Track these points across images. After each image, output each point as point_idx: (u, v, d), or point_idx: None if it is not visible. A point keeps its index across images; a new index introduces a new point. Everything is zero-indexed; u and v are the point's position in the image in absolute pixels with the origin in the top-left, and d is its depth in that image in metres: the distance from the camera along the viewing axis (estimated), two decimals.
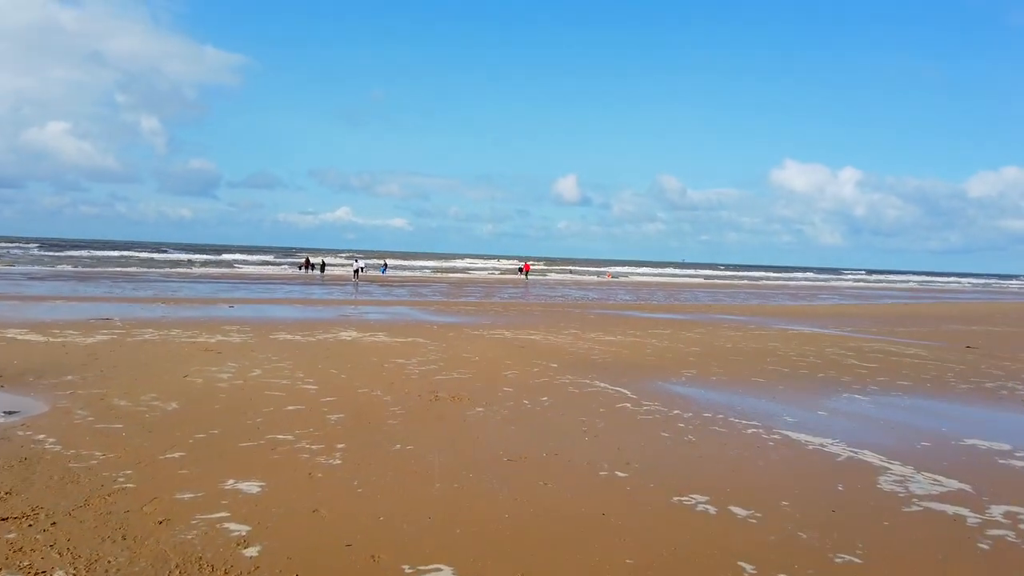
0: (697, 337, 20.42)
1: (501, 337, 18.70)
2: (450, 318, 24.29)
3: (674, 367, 14.51)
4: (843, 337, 21.99)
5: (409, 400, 10.30)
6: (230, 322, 20.11)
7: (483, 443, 8.14)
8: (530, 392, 11.24)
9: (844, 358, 16.79)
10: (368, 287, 46.55)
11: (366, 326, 20.27)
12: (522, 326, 21.99)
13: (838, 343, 20.07)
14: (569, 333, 20.32)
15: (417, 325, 21.26)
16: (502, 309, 29.81)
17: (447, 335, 18.70)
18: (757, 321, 27.48)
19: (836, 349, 18.53)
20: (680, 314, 30.53)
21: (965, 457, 8.32)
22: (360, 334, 18.16)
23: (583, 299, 41.81)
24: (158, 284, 41.79)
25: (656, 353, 16.58)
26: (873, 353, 17.91)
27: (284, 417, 8.98)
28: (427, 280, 62.24)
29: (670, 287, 67.26)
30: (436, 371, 12.90)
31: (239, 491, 6.23)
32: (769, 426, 9.52)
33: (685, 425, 9.40)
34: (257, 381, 11.29)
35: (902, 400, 11.80)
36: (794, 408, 10.79)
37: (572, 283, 67.54)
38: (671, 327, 23.44)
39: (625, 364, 14.66)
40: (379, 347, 15.79)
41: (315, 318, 22.43)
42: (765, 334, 22.08)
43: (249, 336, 16.97)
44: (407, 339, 17.44)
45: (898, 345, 20.05)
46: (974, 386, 13.43)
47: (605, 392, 11.50)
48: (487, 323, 22.73)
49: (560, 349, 16.62)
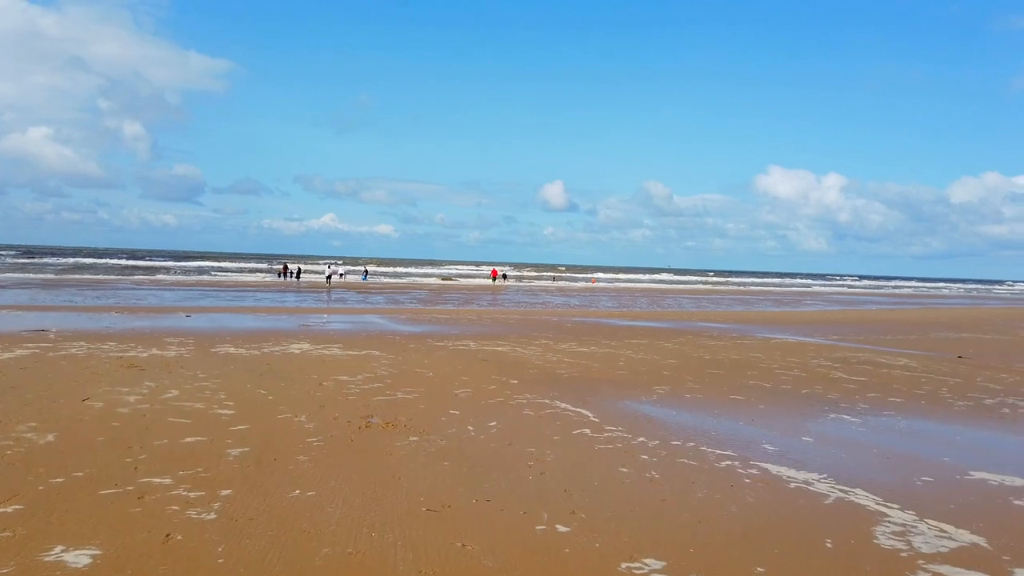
0: (675, 348, 19.10)
1: (465, 349, 17.30)
2: (418, 327, 22.87)
3: (646, 383, 13.17)
4: (828, 346, 20.75)
5: (335, 427, 8.89)
6: (176, 333, 18.60)
7: (403, 486, 6.74)
8: (479, 415, 9.85)
9: (830, 370, 15.51)
10: (345, 294, 45.01)
11: (322, 337, 18.82)
12: (492, 336, 20.61)
13: (823, 353, 18.81)
14: (540, 344, 18.96)
15: (379, 336, 19.83)
16: (476, 317, 28.42)
17: (407, 347, 17.29)
18: (739, 329, 26.22)
19: (821, 360, 17.27)
20: (661, 322, 29.24)
21: (974, 497, 7.00)
22: (312, 346, 16.71)
23: (564, 306, 40.46)
24: (125, 292, 40.12)
25: (629, 366, 15.24)
26: (861, 364, 16.65)
27: (175, 452, 7.55)
28: (408, 287, 60.77)
29: (654, 293, 66.04)
30: (380, 390, 11.49)
31: (62, 565, 4.80)
32: (746, 457, 8.18)
33: (649, 457, 8.04)
34: (167, 405, 9.84)
35: (896, 421, 10.49)
36: (775, 433, 9.46)
37: (556, 290, 66.21)
38: (649, 336, 22.12)
39: (593, 379, 13.31)
40: (326, 362, 14.36)
41: (271, 328, 20.94)
42: (747, 343, 20.80)
43: (188, 349, 15.49)
44: (361, 352, 16.01)
45: (886, 355, 18.81)
46: (972, 403, 12.17)
47: (565, 414, 10.13)
48: (455, 333, 21.34)
49: (526, 362, 15.24)
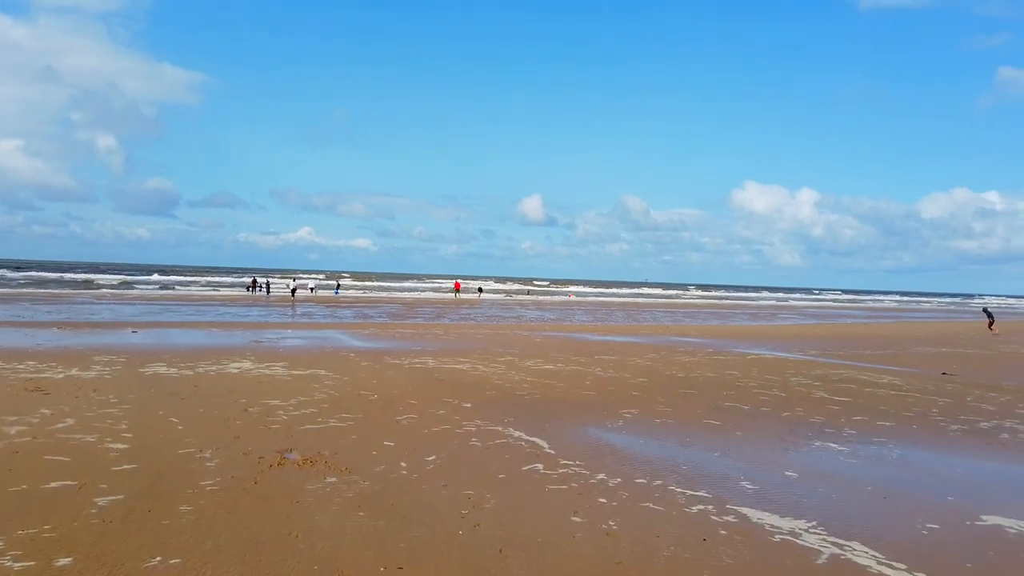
0: (647, 364, 17.88)
1: (422, 367, 15.95)
2: (378, 343, 21.46)
3: (613, 405, 11.90)
4: (807, 362, 19.65)
5: (241, 466, 7.50)
6: (111, 351, 17.04)
7: (298, 548, 5.38)
8: (417, 448, 8.51)
9: (811, 389, 14.36)
10: (313, 308, 43.39)
11: (269, 355, 17.35)
12: (455, 352, 19.27)
13: (803, 370, 17.70)
14: (504, 361, 17.64)
15: (332, 353, 18.39)
16: (443, 332, 27.04)
17: (359, 365, 15.89)
18: (715, 344, 25.10)
19: (801, 378, 16.13)
20: (635, 336, 28.06)
21: (993, 552, 5.79)
22: (254, 365, 15.26)
23: (537, 320, 39.20)
24: (82, 307, 38.20)
25: (597, 385, 13.97)
26: (843, 383, 15.53)
27: (27, 502, 6.13)
28: (381, 301, 59.18)
29: (631, 307, 65.05)
30: (312, 416, 10.10)
31: None
32: (722, 499, 6.92)
33: (608, 500, 6.75)
34: (52, 438, 8.38)
35: (888, 450, 9.31)
36: (755, 466, 8.22)
37: (531, 303, 64.96)
38: (621, 352, 20.90)
39: (555, 401, 12.02)
40: (263, 383, 12.93)
41: (219, 345, 19.43)
42: (723, 359, 19.65)
43: (113, 369, 13.98)
44: (306, 371, 14.59)
45: (868, 372, 17.73)
46: (967, 427, 11.04)
47: (516, 445, 8.82)
48: (417, 349, 19.96)
49: (485, 382, 13.92)
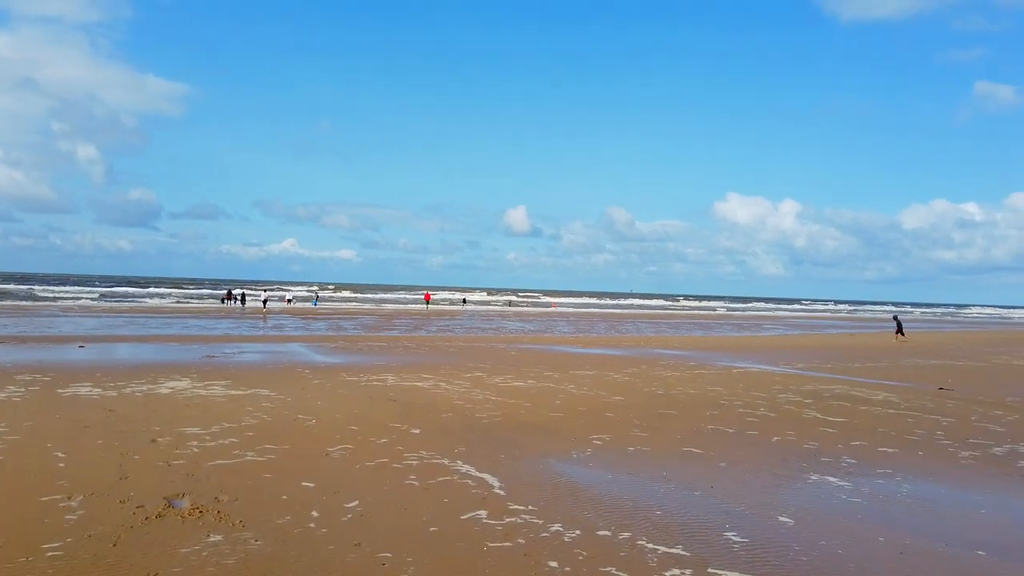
0: (625, 380, 16.49)
1: (379, 385, 14.48)
2: (340, 357, 19.95)
3: (583, 429, 10.49)
4: (796, 377, 18.35)
5: (110, 518, 6.01)
6: (38, 368, 15.44)
7: None
8: (340, 490, 7.05)
9: (802, 408, 13.03)
10: (287, 320, 41.75)
11: (214, 372, 15.80)
12: (420, 367, 17.80)
13: (791, 385, 16.38)
14: (471, 377, 16.20)
15: (285, 369, 16.87)
16: (415, 345, 25.56)
17: (309, 383, 14.40)
18: (699, 357, 23.77)
19: (790, 395, 14.80)
20: (615, 349, 26.70)
21: None
22: (190, 384, 13.72)
23: (516, 332, 37.79)
24: (41, 320, 36.38)
25: (567, 405, 12.57)
26: (835, 400, 14.21)
27: None
28: (359, 312, 57.53)
29: (614, 318, 63.80)
30: (226, 449, 8.62)
31: None
32: (703, 559, 5.52)
33: (560, 565, 5.33)
34: None
35: (896, 485, 7.95)
36: (742, 509, 6.83)
37: (513, 314, 63.54)
38: (599, 366, 19.52)
39: (518, 426, 10.59)
40: (191, 406, 11.41)
41: (164, 361, 17.85)
42: (707, 374, 18.31)
43: (29, 390, 12.41)
44: (247, 391, 13.08)
45: (861, 387, 16.44)
46: (979, 453, 9.72)
47: (462, 484, 7.39)
48: (380, 364, 18.48)
49: (443, 402, 12.48)
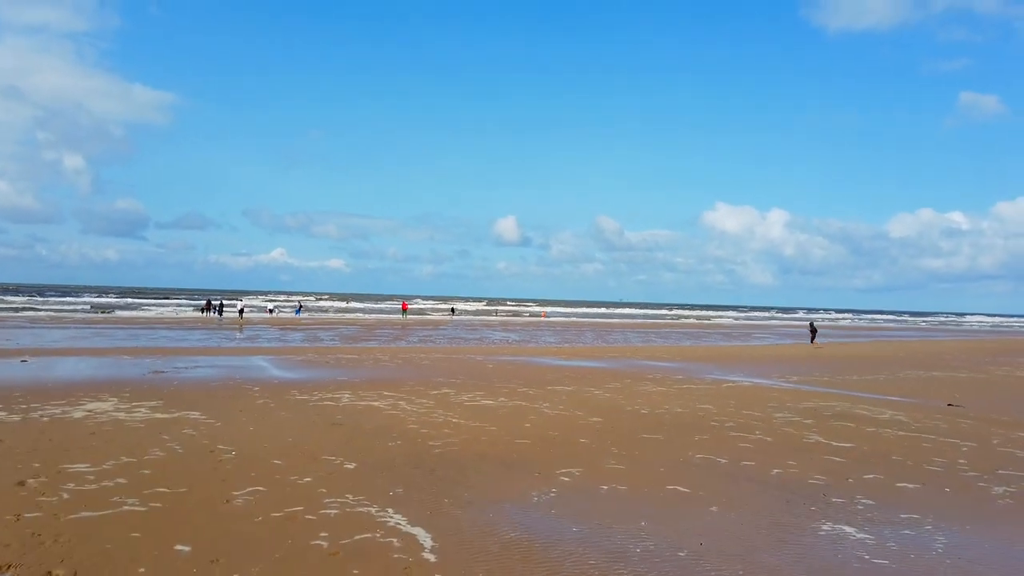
0: (606, 397, 14.91)
1: (330, 405, 12.84)
2: (300, 373, 18.29)
3: (551, 460, 8.90)
4: (791, 392, 16.82)
5: None
6: None
7: None
8: (221, 557, 5.42)
9: (802, 431, 11.47)
10: (264, 331, 39.98)
11: (150, 390, 14.11)
12: (385, 383, 16.17)
13: (787, 402, 14.84)
14: (437, 395, 14.59)
15: (233, 386, 15.20)
16: (388, 358, 23.91)
17: (251, 404, 12.75)
18: (687, 369, 22.23)
19: (787, 414, 13.25)
20: (599, 361, 25.12)
21: None
22: (115, 406, 12.04)
23: (500, 342, 36.19)
24: (3, 332, 34.52)
25: (537, 430, 10.97)
26: (838, 420, 12.67)
27: None
28: (341, 323, 55.75)
29: (602, 327, 62.30)
30: (110, 493, 6.96)
31: None
32: None
33: None
34: None
35: (927, 537, 6.38)
36: None
37: (499, 324, 61.91)
38: (580, 380, 17.93)
39: (476, 456, 8.99)
40: (98, 433, 9.73)
41: (102, 377, 16.14)
42: (695, 389, 16.75)
43: None
44: (174, 414, 11.41)
45: (864, 404, 14.91)
46: (1015, 488, 8.17)
47: (384, 545, 5.77)
48: (341, 380, 16.83)
49: (396, 427, 10.86)
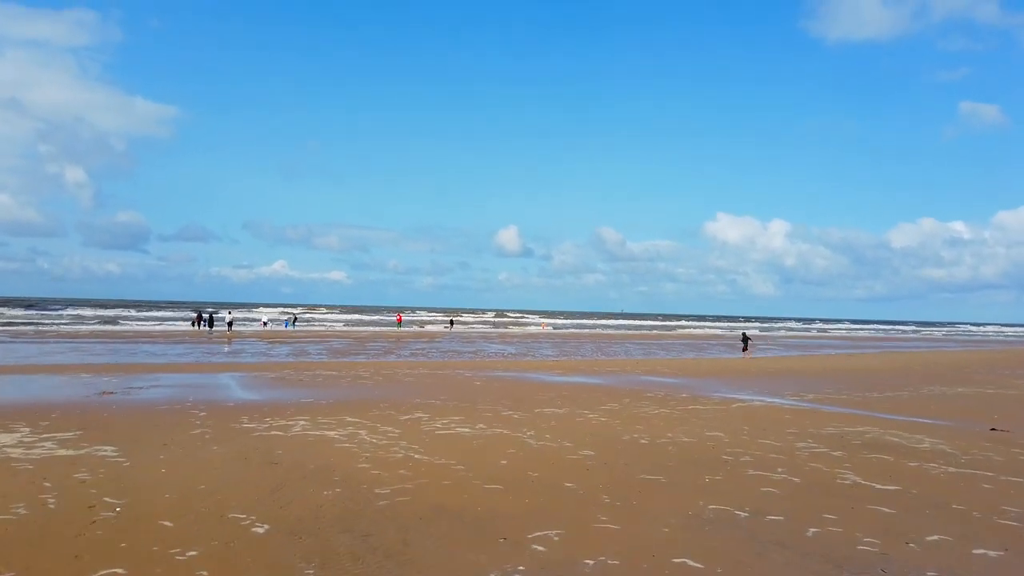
0: (601, 423, 12.95)
1: (276, 436, 10.91)
2: (262, 393, 16.37)
3: (523, 518, 6.94)
4: (810, 413, 14.83)
5: None
6: None
7: None
8: None
9: (833, 466, 9.49)
10: (249, 344, 38.11)
11: (77, 417, 12.19)
12: (350, 407, 14.24)
13: (807, 425, 12.86)
14: (408, 420, 12.66)
15: (176, 412, 13.28)
16: (369, 374, 21.99)
17: (184, 435, 10.82)
18: (691, 386, 20.25)
19: (811, 442, 11.27)
20: (598, 377, 23.15)
21: None
22: (20, 438, 10.11)
23: (495, 355, 34.24)
24: None
25: (514, 469, 9.01)
26: (871, 451, 10.68)
27: None
28: (334, 335, 53.84)
29: (602, 338, 60.33)
30: None
31: None
32: None
33: None
34: None
35: None
36: None
37: (497, 336, 59.92)
38: (573, 401, 15.97)
39: (426, 512, 7.03)
40: None
41: (39, 399, 14.24)
42: (701, 411, 14.78)
43: None
44: (83, 450, 9.49)
45: (895, 430, 12.91)
46: None
47: None
48: (304, 402, 14.91)
49: (341, 466, 8.91)
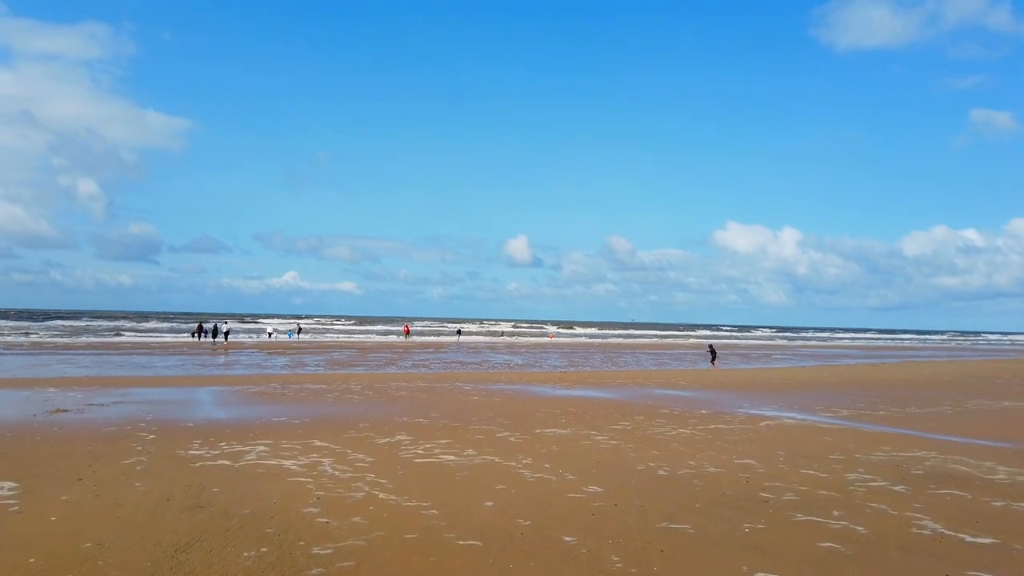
0: (611, 447, 11.10)
1: (223, 465, 9.14)
2: (233, 411, 14.64)
3: None
4: (851, 434, 12.91)
5: None
6: None
7: None
8: None
9: (901, 507, 7.60)
10: (246, 356, 36.47)
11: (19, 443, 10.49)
12: (322, 428, 12.48)
13: (852, 450, 10.96)
14: (386, 444, 10.87)
15: (126, 434, 11.55)
16: (360, 388, 20.23)
17: (114, 464, 9.08)
18: (711, 400, 18.34)
19: (864, 474, 9.38)
20: (608, 389, 21.27)
21: None
22: None
23: (501, 366, 32.40)
24: None
25: (501, 513, 7.19)
26: (940, 486, 8.77)
27: None
28: (337, 345, 52.15)
29: (612, 348, 58.33)
30: None
31: None
32: None
33: None
34: None
35: None
36: None
37: (504, 346, 58.05)
38: (579, 420, 14.13)
39: None
40: None
41: None
42: (726, 431, 12.90)
43: None
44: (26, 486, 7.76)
45: (956, 455, 10.98)
46: None
47: None
48: (275, 422, 13.16)
49: (283, 510, 7.12)
